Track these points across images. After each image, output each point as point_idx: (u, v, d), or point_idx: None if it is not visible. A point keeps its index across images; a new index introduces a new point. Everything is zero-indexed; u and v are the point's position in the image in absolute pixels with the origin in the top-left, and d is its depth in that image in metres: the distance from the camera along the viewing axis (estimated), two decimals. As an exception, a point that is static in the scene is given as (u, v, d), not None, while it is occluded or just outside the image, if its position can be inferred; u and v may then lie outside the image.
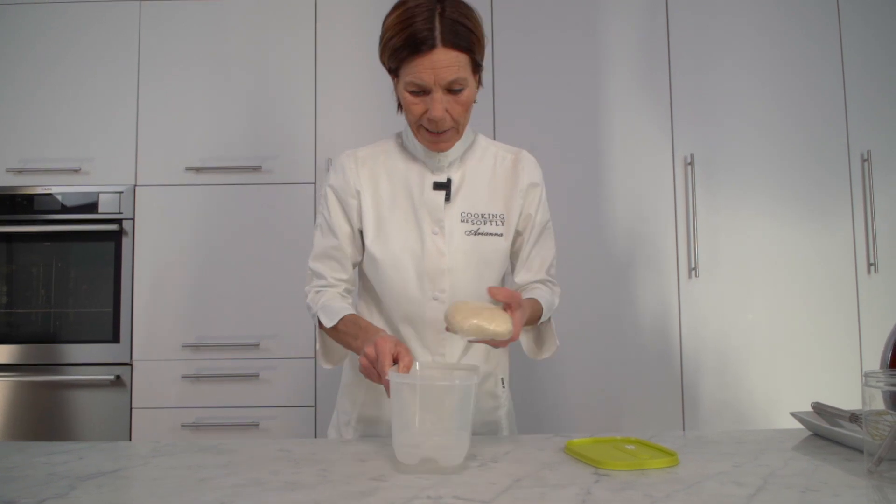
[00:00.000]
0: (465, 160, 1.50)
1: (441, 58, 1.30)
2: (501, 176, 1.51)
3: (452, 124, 1.38)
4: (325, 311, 1.43)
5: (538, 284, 1.51)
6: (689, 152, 2.59)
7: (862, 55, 2.61)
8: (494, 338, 1.17)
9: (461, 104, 1.37)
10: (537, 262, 1.52)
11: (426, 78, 1.31)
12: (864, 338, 2.53)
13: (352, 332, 1.37)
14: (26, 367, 2.53)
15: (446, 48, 1.30)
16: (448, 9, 1.32)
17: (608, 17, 2.65)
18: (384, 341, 1.22)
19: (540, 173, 1.55)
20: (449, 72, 1.31)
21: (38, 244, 2.59)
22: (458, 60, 1.32)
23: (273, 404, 2.52)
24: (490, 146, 1.54)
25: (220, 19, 2.65)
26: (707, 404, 2.54)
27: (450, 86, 1.33)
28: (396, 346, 1.22)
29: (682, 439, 1.29)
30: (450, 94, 1.35)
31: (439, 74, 1.31)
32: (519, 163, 1.52)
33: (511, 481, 1.01)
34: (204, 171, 2.59)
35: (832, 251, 2.57)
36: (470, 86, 1.36)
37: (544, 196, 1.55)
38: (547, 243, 1.55)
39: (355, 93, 2.61)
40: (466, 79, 1.34)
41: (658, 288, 2.57)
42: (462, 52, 1.32)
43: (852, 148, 2.59)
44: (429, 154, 1.46)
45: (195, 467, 1.11)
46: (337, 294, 1.50)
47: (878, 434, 1.01)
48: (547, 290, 1.50)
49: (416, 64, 1.31)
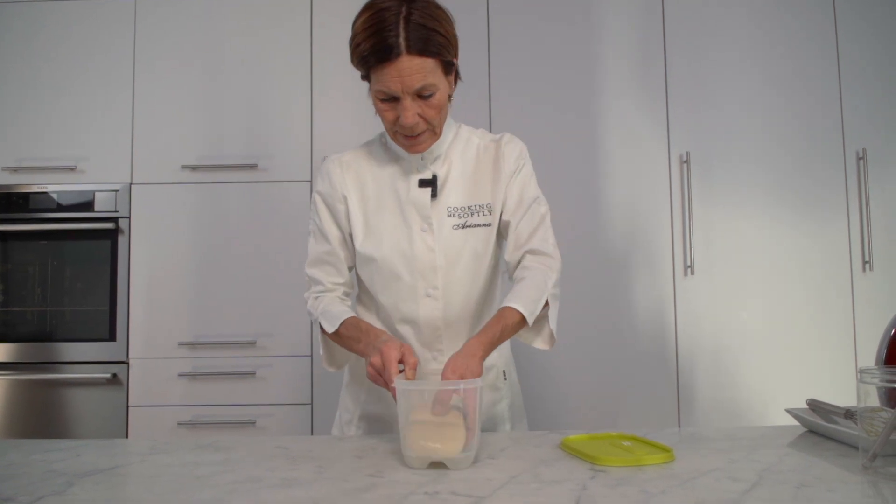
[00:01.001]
0: (450, 154, 1.49)
1: (407, 65, 1.28)
2: (485, 165, 1.49)
3: (426, 127, 1.37)
4: (325, 316, 1.43)
5: (528, 263, 1.44)
6: (684, 150, 2.59)
7: (858, 53, 2.62)
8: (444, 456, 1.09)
9: (433, 107, 1.35)
10: (528, 234, 1.46)
11: (393, 86, 1.30)
12: (859, 335, 2.54)
13: (354, 335, 1.38)
14: (23, 366, 2.53)
15: (412, 55, 1.28)
16: (415, 12, 1.29)
17: (604, 14, 2.65)
18: (389, 349, 1.22)
19: (522, 153, 1.50)
20: (416, 79, 1.29)
21: (33, 243, 2.58)
22: (424, 66, 1.29)
23: (270, 402, 2.52)
24: (473, 136, 1.53)
25: (215, 17, 2.65)
26: (702, 401, 2.54)
27: (419, 92, 1.31)
28: (401, 350, 1.23)
29: (677, 436, 1.30)
30: (420, 100, 1.33)
31: (406, 82, 1.29)
32: (500, 149, 1.49)
33: (508, 477, 1.01)
34: (200, 169, 2.59)
35: (827, 249, 2.57)
36: (441, 89, 1.34)
37: (528, 173, 1.50)
38: (536, 212, 1.47)
39: (351, 90, 2.59)
40: (435, 84, 1.32)
41: (654, 285, 2.58)
42: (429, 57, 1.29)
43: (848, 146, 2.60)
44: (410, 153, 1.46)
45: (192, 464, 1.12)
46: (336, 298, 1.50)
47: (872, 430, 1.02)
48: (538, 270, 1.42)
49: (384, 72, 1.29)
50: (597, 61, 2.64)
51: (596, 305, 2.56)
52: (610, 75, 2.63)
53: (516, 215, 1.46)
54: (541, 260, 1.44)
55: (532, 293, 1.37)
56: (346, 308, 1.46)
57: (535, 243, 1.45)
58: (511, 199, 1.47)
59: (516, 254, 1.46)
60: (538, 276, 1.40)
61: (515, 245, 1.46)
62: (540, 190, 1.51)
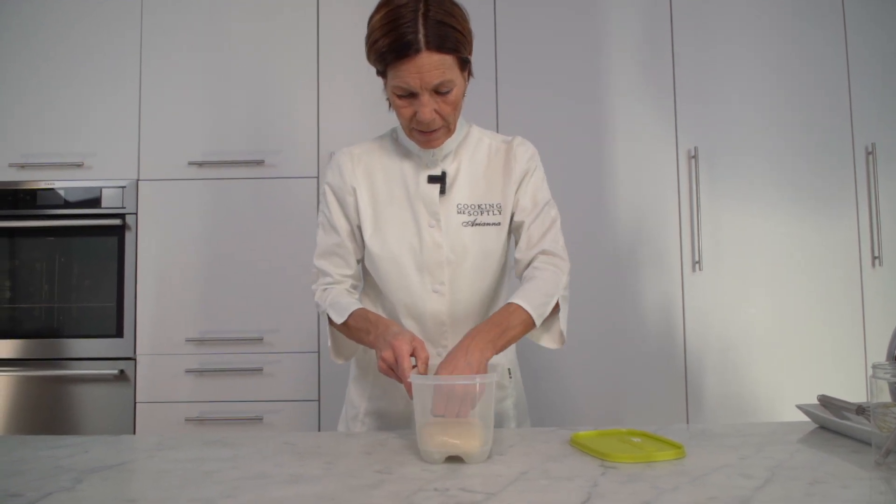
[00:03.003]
0: (460, 152, 1.50)
1: (426, 62, 1.28)
2: (496, 166, 1.50)
3: (442, 123, 1.38)
4: (334, 307, 1.43)
5: (539, 263, 1.44)
6: (692, 146, 2.58)
7: (867, 48, 2.60)
8: (465, 453, 1.09)
9: (450, 104, 1.35)
10: (540, 236, 1.47)
11: (412, 82, 1.30)
12: (869, 331, 2.53)
13: (363, 327, 1.37)
14: (30, 362, 2.53)
15: (431, 52, 1.28)
16: (432, 8, 1.29)
17: (611, 10, 2.64)
18: (400, 343, 1.22)
19: (534, 156, 1.52)
20: (434, 75, 1.29)
21: (40, 239, 2.59)
22: (443, 63, 1.30)
23: (277, 398, 2.52)
24: (484, 137, 1.53)
25: (222, 13, 2.65)
26: (711, 397, 2.53)
27: (437, 88, 1.32)
28: (412, 343, 1.22)
29: (686, 432, 1.29)
30: (438, 96, 1.33)
31: (425, 79, 1.29)
32: (512, 150, 1.50)
33: (517, 474, 1.01)
34: (206, 165, 2.59)
35: (836, 244, 2.56)
36: (458, 85, 1.35)
37: (541, 177, 1.51)
38: (549, 218, 1.49)
39: (358, 87, 2.60)
40: (453, 80, 1.33)
41: (662, 281, 2.57)
42: (447, 53, 1.30)
43: (857, 141, 2.58)
44: (422, 149, 1.46)
45: (200, 460, 1.11)
46: (344, 290, 1.50)
47: (885, 426, 1.01)
48: (550, 271, 1.42)
49: (402, 68, 1.29)
50: (604, 56, 2.63)
51: (603, 302, 2.55)
52: (617, 70, 2.62)
53: (530, 216, 1.47)
54: (553, 261, 1.45)
55: (542, 294, 1.37)
56: (355, 300, 1.46)
57: (547, 244, 1.46)
58: (525, 200, 1.48)
59: (528, 253, 1.46)
60: (550, 277, 1.41)
61: (527, 244, 1.47)
62: (550, 194, 1.52)
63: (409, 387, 1.16)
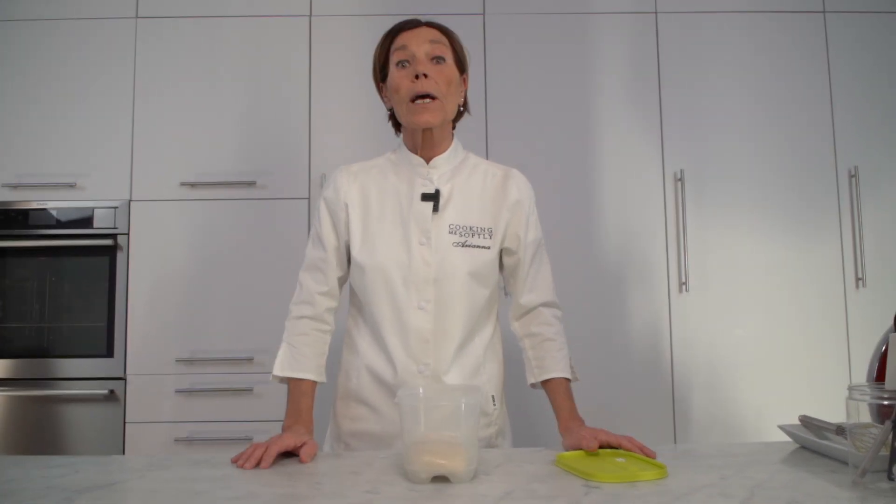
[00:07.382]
0: (455, 175, 1.54)
1: (425, 32, 1.49)
2: (491, 191, 1.54)
3: (437, 92, 1.45)
4: (291, 354, 1.48)
5: (547, 318, 1.56)
6: (678, 168, 2.62)
7: (849, 72, 2.66)
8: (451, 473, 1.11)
9: (444, 76, 1.47)
10: (541, 283, 1.57)
11: (411, 45, 1.46)
12: (853, 351, 2.56)
13: (292, 398, 1.46)
14: (20, 382, 2.53)
15: (431, 27, 1.50)
16: (433, 22, 1.53)
17: (598, 35, 2.68)
18: (288, 438, 1.28)
19: (530, 191, 1.59)
20: (432, 45, 1.47)
21: (32, 259, 2.59)
22: (440, 38, 1.49)
23: (267, 418, 2.52)
24: (480, 163, 1.59)
25: (215, 36, 2.68)
26: (697, 417, 2.55)
27: (432, 52, 1.46)
28: (300, 440, 1.29)
29: (671, 452, 1.31)
30: (433, 65, 1.46)
31: (423, 45, 1.46)
32: (508, 179, 1.56)
33: (503, 493, 1.02)
34: (199, 186, 2.61)
35: (820, 266, 2.60)
36: (452, 67, 1.49)
37: (535, 213, 1.58)
38: (545, 262, 1.59)
39: (349, 109, 2.63)
40: (448, 57, 1.48)
41: (649, 302, 2.59)
42: (445, 36, 1.50)
43: (840, 164, 2.63)
44: (418, 168, 1.51)
45: (190, 480, 1.12)
46: (317, 333, 1.52)
47: (863, 446, 1.03)
48: (561, 331, 1.56)
49: (402, 37, 1.48)
50: (592, 81, 2.67)
51: (591, 322, 2.57)
52: (605, 95, 2.66)
53: (528, 254, 1.56)
54: (556, 314, 1.58)
55: (566, 356, 1.54)
56: (317, 363, 1.50)
57: (549, 294, 1.58)
58: (528, 236, 1.55)
59: (530, 298, 1.56)
60: (562, 337, 1.56)
61: (531, 287, 1.57)
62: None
63: (266, 463, 1.21)
